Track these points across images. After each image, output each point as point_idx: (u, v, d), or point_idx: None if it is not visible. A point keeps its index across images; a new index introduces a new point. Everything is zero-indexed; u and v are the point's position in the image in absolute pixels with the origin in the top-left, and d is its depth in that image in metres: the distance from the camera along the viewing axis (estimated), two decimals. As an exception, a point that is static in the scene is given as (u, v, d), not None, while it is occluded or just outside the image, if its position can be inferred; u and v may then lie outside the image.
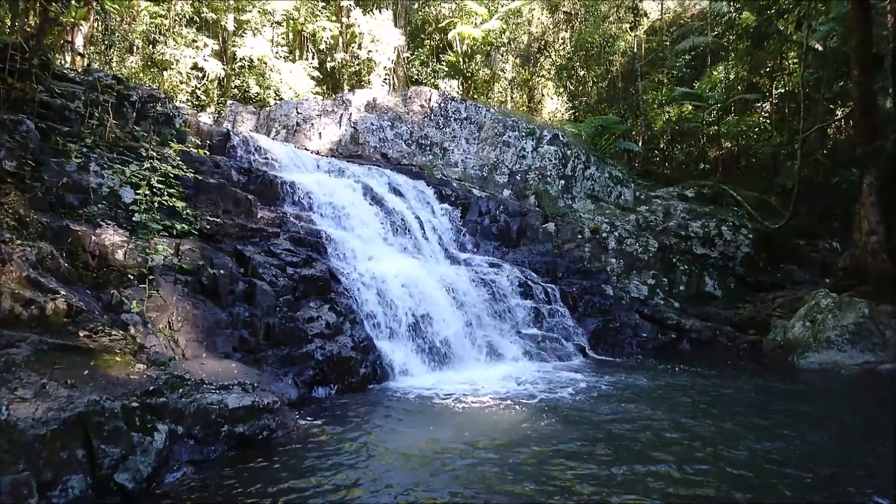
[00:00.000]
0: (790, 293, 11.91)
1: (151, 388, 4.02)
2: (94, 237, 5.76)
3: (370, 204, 10.47)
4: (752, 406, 6.22)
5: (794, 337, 9.71)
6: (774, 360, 9.69)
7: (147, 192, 6.28)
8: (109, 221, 6.06)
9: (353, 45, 21.95)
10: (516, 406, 6.02)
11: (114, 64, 16.50)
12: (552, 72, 21.80)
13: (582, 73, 20.20)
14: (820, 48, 15.39)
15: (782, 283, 12.51)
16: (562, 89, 21.44)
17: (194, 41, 18.97)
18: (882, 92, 11.74)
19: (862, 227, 10.91)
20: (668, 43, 21.06)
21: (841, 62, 13.86)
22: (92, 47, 15.72)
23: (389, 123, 15.36)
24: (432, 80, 23.08)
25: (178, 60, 18.02)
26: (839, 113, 15.95)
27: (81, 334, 4.35)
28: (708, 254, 12.84)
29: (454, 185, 14.02)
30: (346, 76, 22.81)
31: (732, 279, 12.77)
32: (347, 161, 13.05)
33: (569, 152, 14.83)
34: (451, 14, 23.99)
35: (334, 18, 22.68)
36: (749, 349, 10.64)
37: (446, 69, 23.69)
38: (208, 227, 7.00)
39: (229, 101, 18.37)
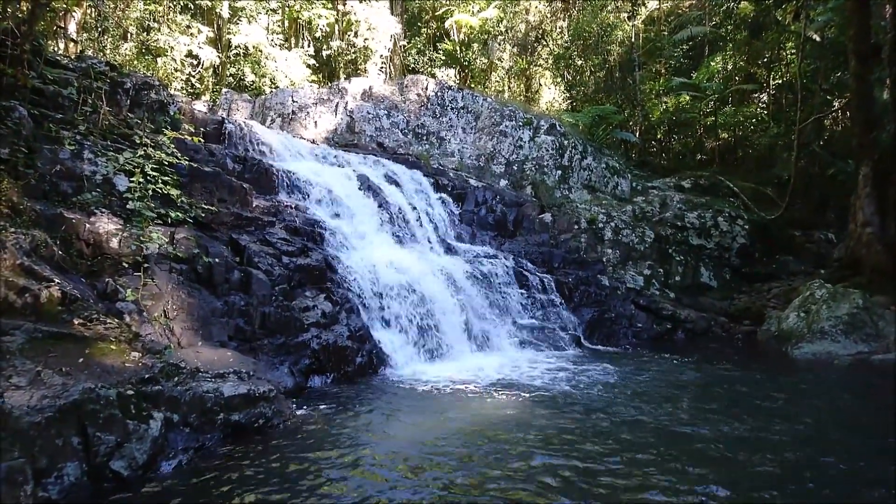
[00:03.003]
0: (785, 284, 11.97)
1: (147, 376, 4.02)
2: (88, 225, 5.73)
3: (366, 193, 10.43)
4: (747, 394, 6.26)
5: (788, 327, 9.76)
6: (769, 350, 9.75)
7: (141, 179, 6.24)
8: (103, 209, 6.02)
9: (349, 32, 21.75)
10: (511, 395, 6.05)
11: (107, 51, 16.32)
12: (549, 61, 21.64)
13: (579, 62, 20.05)
14: (818, 39, 15.36)
15: (777, 274, 12.57)
16: (559, 79, 21.30)
17: (189, 28, 18.77)
18: (879, 83, 11.70)
19: (857, 218, 10.93)
20: (666, 33, 20.94)
21: (839, 53, 13.82)
22: (85, 34, 15.54)
23: (386, 112, 15.28)
24: (429, 69, 22.93)
25: (172, 48, 17.83)
26: (836, 104, 15.91)
27: (76, 322, 4.33)
28: (704, 244, 12.87)
29: (451, 174, 13.96)
30: (341, 64, 22.63)
31: (728, 270, 12.81)
32: (343, 150, 12.98)
33: (566, 142, 14.79)
34: (447, 2, 23.79)
35: (330, 6, 22.46)
36: (744, 339, 10.71)
37: (443, 58, 23.52)
38: (203, 215, 6.97)
39: (224, 90, 18.22)
